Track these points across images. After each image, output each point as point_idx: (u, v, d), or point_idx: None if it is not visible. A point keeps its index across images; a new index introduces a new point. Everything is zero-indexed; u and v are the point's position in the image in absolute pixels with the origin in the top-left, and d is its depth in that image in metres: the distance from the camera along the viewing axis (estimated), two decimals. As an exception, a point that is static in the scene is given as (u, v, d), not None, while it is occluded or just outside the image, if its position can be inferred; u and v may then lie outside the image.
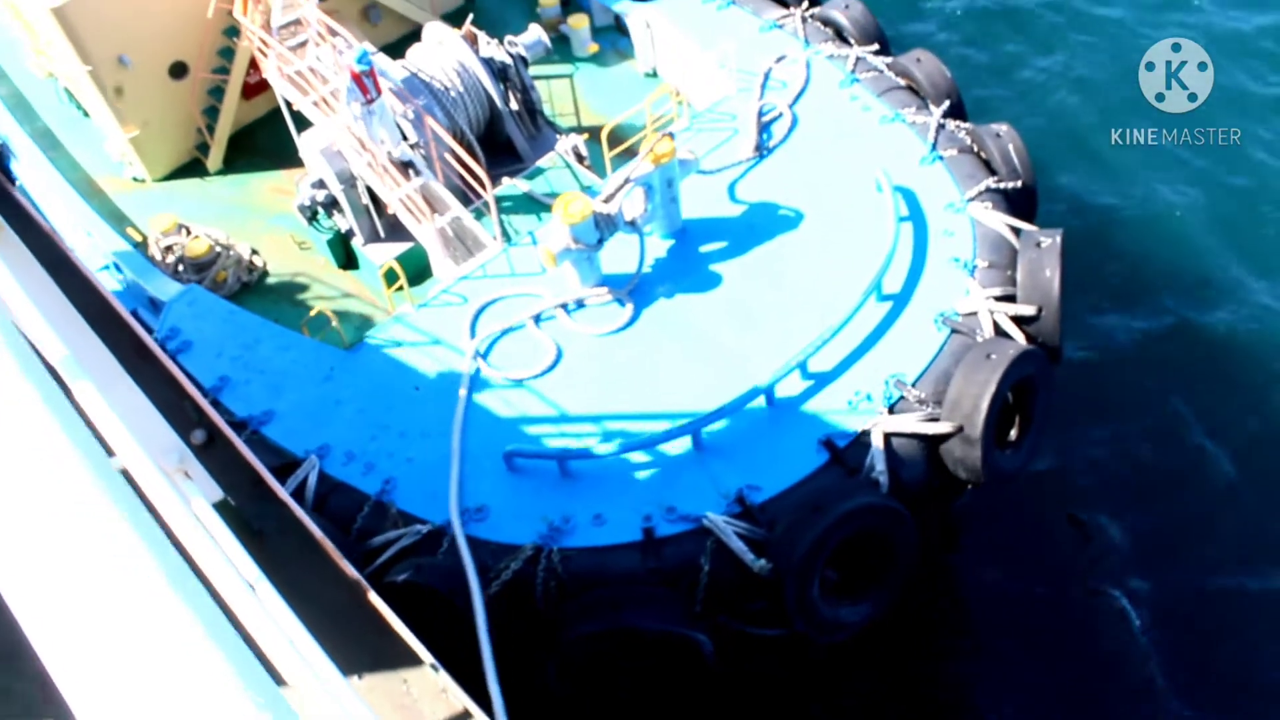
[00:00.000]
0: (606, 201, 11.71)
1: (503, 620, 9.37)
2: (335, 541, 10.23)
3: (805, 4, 15.69)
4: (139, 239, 15.75)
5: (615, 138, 13.90)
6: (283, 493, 6.64)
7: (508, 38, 15.39)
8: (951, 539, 13.87)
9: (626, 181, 11.66)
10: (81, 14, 15.03)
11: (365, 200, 14.64)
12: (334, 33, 14.51)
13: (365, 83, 12.71)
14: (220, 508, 4.76)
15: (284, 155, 16.30)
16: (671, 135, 11.98)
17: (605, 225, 11.67)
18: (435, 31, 15.05)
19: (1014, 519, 14.26)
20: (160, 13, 15.62)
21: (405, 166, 13.47)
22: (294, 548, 6.44)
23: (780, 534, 9.51)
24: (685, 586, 9.66)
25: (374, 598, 5.83)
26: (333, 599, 6.04)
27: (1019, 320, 11.12)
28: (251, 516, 6.25)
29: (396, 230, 14.66)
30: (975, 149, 12.96)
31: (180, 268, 14.92)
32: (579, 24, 17.40)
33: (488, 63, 14.87)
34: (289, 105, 15.18)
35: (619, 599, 9.44)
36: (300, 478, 10.87)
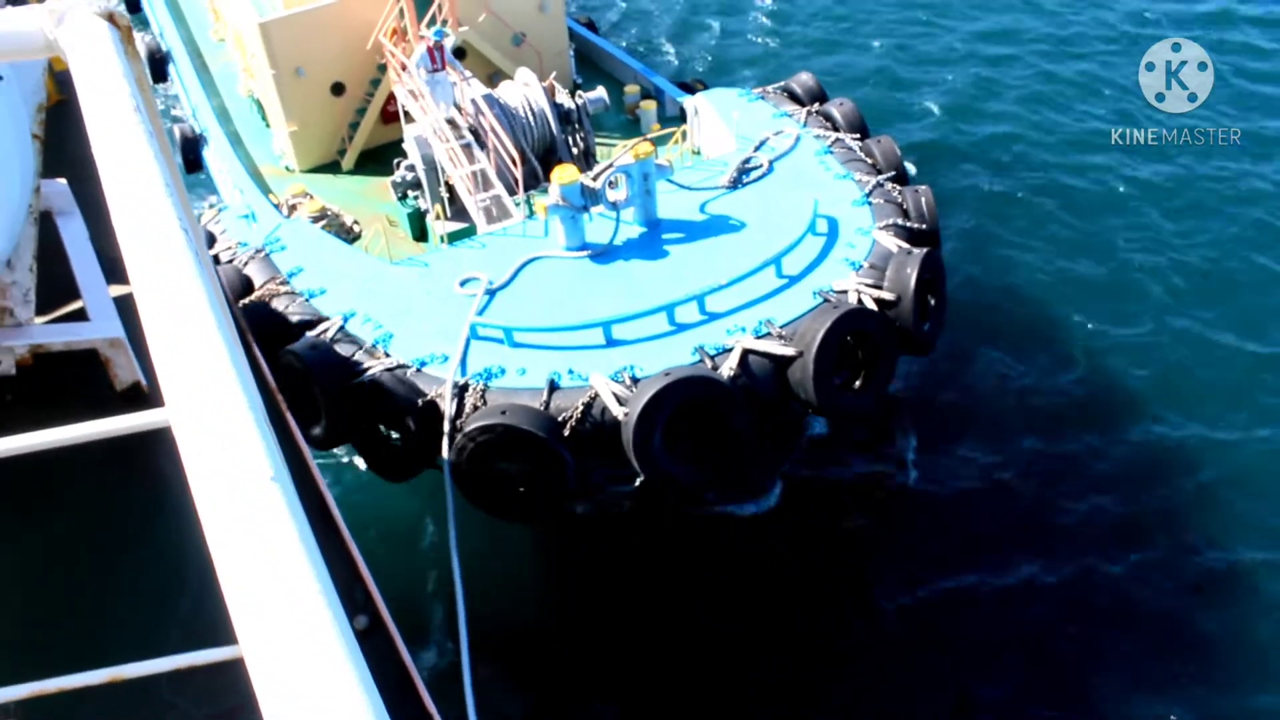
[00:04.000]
0: (594, 179, 15.61)
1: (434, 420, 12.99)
2: (334, 366, 14.00)
3: (815, 103, 19.65)
4: (275, 201, 20.54)
5: None
6: (429, 700, 6.67)
7: (578, 92, 19.89)
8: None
9: (609, 165, 15.57)
10: (278, 30, 20.42)
11: (442, 189, 19.03)
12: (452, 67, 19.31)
13: (435, 54, 17.26)
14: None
15: None
16: (652, 141, 15.89)
17: (589, 195, 15.53)
18: (523, 75, 19.70)
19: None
20: (333, 40, 20.89)
21: (467, 151, 17.82)
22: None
23: (634, 390, 12.73)
24: (565, 421, 12.92)
25: None
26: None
27: (881, 303, 14.19)
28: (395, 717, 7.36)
29: (461, 216, 18.92)
30: (900, 201, 16.33)
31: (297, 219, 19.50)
32: (648, 106, 21.83)
33: (556, 106, 19.32)
34: (407, 117, 19.93)
35: (508, 411, 12.78)
36: (326, 327, 14.79)
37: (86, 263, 8.71)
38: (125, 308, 8.20)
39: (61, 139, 9.18)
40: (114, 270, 8.63)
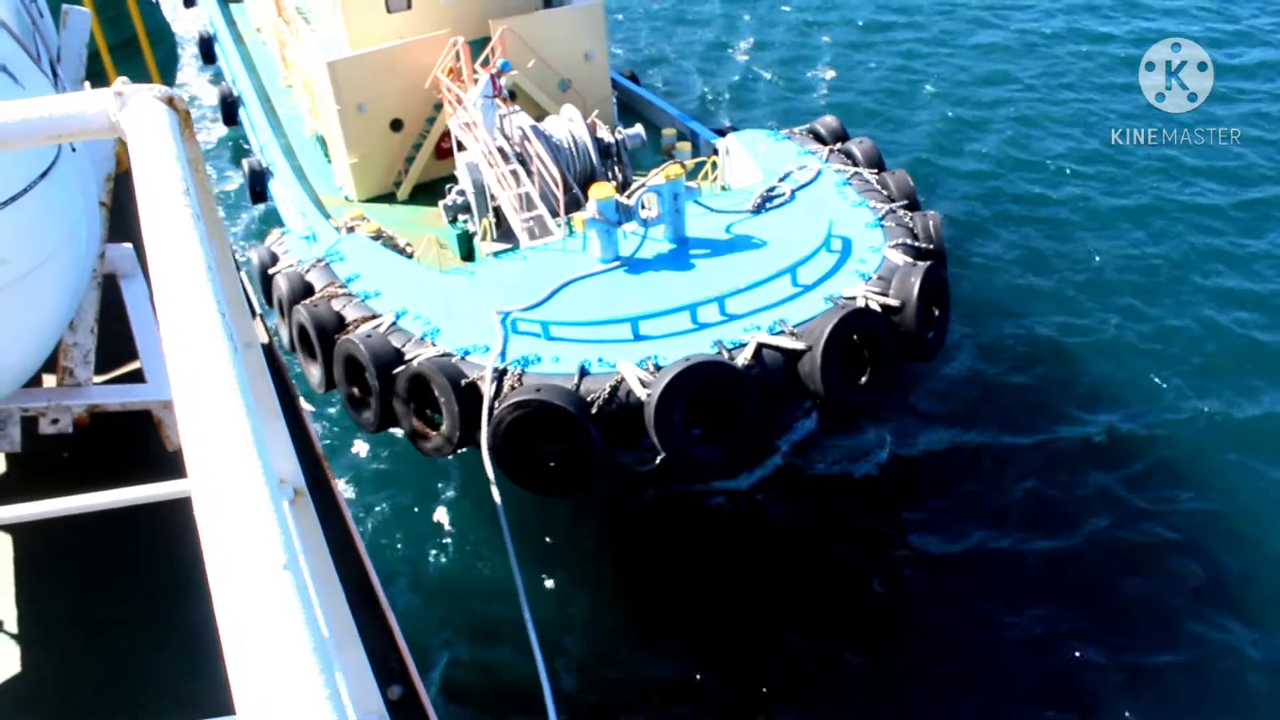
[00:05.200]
0: (628, 197, 17.09)
1: (474, 400, 14.35)
2: (386, 353, 15.37)
3: (838, 142, 21.13)
4: (335, 224, 22.26)
5: None
6: None
7: (618, 127, 21.54)
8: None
9: (642, 185, 17.05)
10: (344, 69, 22.35)
11: (490, 214, 20.63)
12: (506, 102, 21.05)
13: (497, 82, 18.98)
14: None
15: None
16: (681, 163, 17.36)
17: (623, 211, 16.99)
18: (568, 111, 21.40)
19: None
20: (394, 80, 22.76)
21: (514, 176, 19.43)
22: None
23: (657, 374, 14.02)
24: (593, 400, 14.20)
25: None
26: None
27: (886, 308, 15.42)
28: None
29: (506, 238, 20.48)
30: (910, 224, 17.64)
31: (355, 239, 21.14)
32: (684, 147, 23.45)
33: (598, 140, 20.94)
34: (460, 147, 21.63)
35: (543, 390, 14.08)
36: (380, 321, 16.27)
37: (146, 326, 9.07)
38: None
39: (128, 203, 9.99)
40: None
